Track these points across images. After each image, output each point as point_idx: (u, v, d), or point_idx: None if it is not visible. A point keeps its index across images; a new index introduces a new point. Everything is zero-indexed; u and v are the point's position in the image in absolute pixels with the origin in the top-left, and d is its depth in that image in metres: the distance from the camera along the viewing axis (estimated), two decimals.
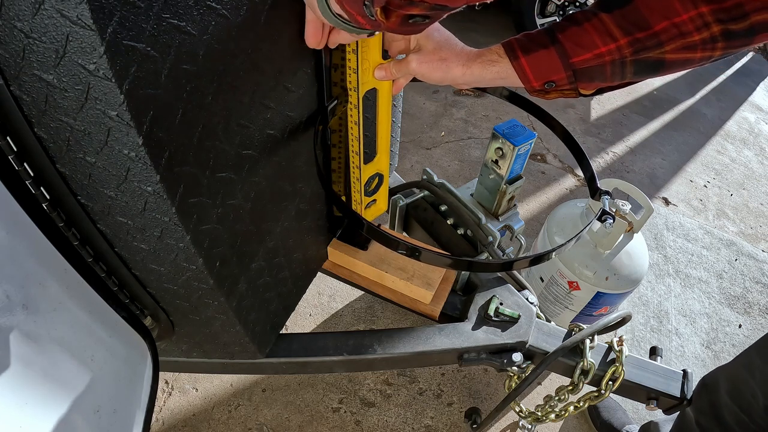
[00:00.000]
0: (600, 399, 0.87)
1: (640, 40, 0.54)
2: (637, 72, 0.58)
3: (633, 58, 0.55)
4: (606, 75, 0.58)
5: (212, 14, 0.44)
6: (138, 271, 0.57)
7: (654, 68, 0.57)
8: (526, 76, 0.60)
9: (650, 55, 0.55)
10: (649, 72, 0.58)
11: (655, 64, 0.56)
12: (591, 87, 0.61)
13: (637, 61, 0.56)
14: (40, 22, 0.34)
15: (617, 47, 0.55)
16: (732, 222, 2.05)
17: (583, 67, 0.57)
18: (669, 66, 0.56)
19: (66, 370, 0.47)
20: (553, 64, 0.58)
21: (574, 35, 0.56)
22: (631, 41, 0.54)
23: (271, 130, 0.60)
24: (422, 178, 1.03)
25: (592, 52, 0.56)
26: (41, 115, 0.40)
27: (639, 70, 0.57)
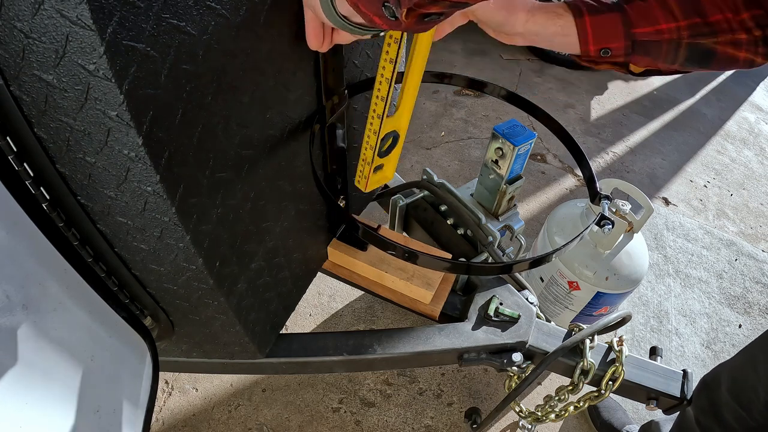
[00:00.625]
0: (600, 399, 0.87)
1: (698, 25, 0.57)
2: (688, 58, 0.59)
3: (689, 41, 0.58)
4: (661, 53, 0.59)
5: (212, 14, 0.44)
6: (138, 271, 0.57)
7: (704, 58, 0.59)
8: (586, 37, 0.59)
9: (704, 42, 0.58)
10: (699, 61, 0.60)
11: (705, 54, 0.59)
12: (642, 63, 0.61)
13: (691, 45, 0.58)
14: (40, 22, 0.34)
15: (677, 27, 0.57)
16: (732, 222, 2.05)
17: (642, 40, 0.58)
18: (717, 59, 0.59)
19: (66, 370, 0.47)
20: (615, 30, 0.58)
21: (639, 7, 0.58)
22: (690, 24, 0.57)
23: (270, 130, 0.60)
24: (422, 178, 1.03)
25: (654, 27, 0.58)
26: (41, 115, 0.40)
27: (690, 57, 0.59)
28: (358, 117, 0.85)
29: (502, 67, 2.90)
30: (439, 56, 2.91)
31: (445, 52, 2.96)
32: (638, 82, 2.95)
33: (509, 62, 2.96)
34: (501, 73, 2.83)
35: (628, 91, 2.85)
